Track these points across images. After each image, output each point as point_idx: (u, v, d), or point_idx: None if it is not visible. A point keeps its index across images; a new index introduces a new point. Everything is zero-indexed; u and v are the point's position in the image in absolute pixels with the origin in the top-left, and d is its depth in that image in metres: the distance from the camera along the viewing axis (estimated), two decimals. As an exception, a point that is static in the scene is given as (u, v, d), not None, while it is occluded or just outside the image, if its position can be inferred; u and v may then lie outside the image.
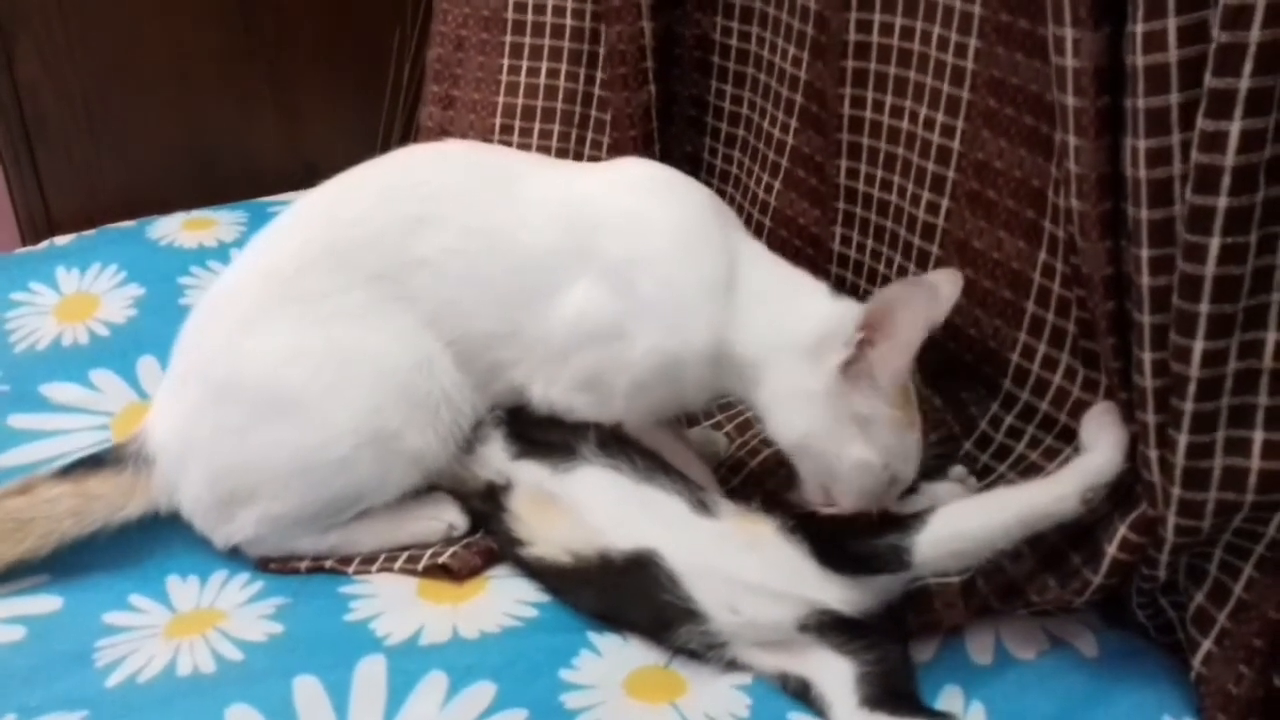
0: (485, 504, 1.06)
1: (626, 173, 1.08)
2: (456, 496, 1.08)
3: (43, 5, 1.56)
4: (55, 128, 1.62)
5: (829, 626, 0.91)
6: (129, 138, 1.67)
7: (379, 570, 1.03)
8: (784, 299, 1.00)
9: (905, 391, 0.96)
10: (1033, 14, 0.93)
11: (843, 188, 1.17)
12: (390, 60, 1.76)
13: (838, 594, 0.92)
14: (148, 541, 1.03)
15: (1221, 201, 0.72)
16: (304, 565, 1.04)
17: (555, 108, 1.38)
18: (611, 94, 1.32)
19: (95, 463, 1.03)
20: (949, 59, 1.04)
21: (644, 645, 0.96)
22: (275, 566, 1.04)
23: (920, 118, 1.08)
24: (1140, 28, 0.73)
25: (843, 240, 1.19)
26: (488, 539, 1.06)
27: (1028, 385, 1.02)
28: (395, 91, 1.77)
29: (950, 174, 1.06)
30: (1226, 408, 0.78)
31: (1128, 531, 0.86)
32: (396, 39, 1.75)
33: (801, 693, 0.91)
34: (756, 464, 1.15)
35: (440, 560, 1.03)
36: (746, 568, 0.93)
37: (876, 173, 1.14)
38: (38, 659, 0.92)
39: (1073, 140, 0.82)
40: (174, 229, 1.46)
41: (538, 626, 0.97)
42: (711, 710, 0.89)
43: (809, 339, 0.96)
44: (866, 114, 1.13)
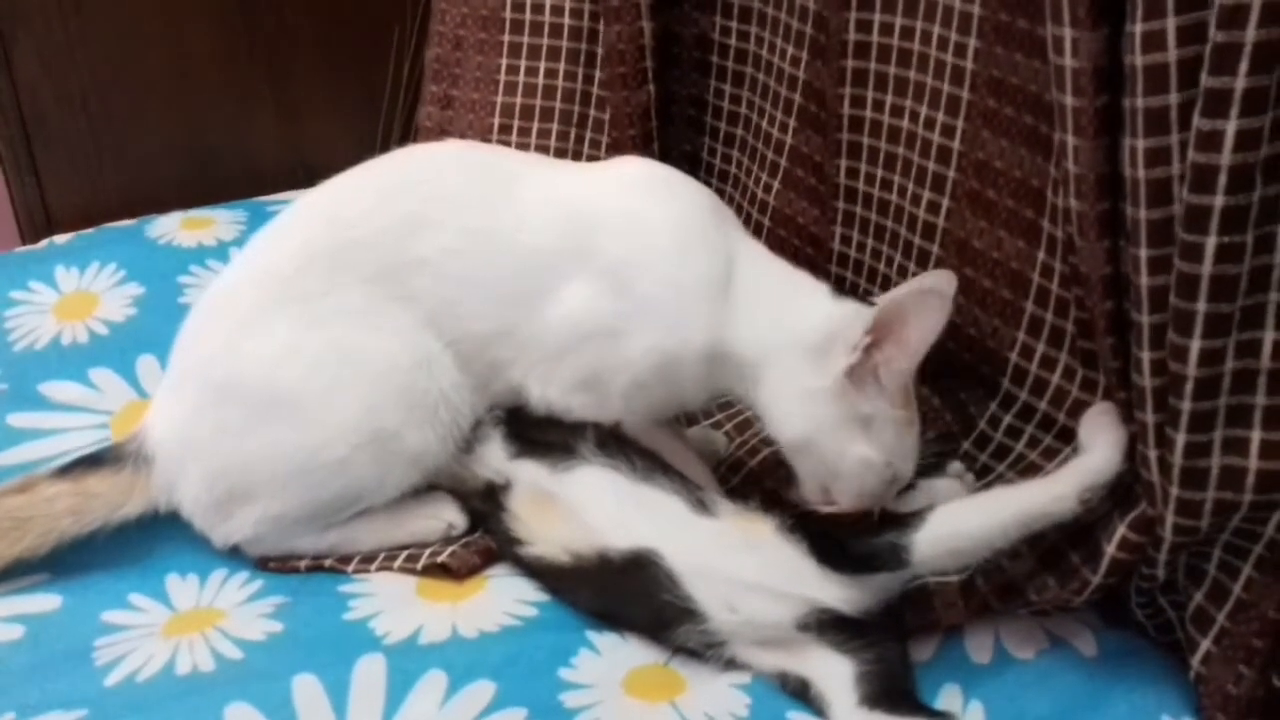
0: (484, 503, 1.06)
1: (625, 172, 1.08)
2: (456, 496, 1.08)
3: (43, 5, 1.56)
4: (55, 127, 1.62)
5: (828, 625, 0.91)
6: (128, 137, 1.67)
7: (378, 569, 1.03)
8: (784, 299, 1.00)
9: (906, 391, 0.96)
10: (1032, 14, 0.93)
11: (842, 187, 1.17)
12: (389, 60, 1.76)
13: (836, 593, 0.92)
14: (147, 540, 1.03)
15: (1218, 201, 0.72)
16: (303, 564, 1.04)
17: (554, 107, 1.38)
18: (610, 93, 1.32)
19: (94, 461, 1.03)
20: (949, 58, 1.04)
21: (643, 644, 0.96)
22: (274, 565, 1.04)
23: (920, 117, 1.08)
24: (1140, 28, 0.73)
25: (842, 240, 1.19)
26: (487, 538, 1.06)
27: (1026, 384, 1.02)
28: (394, 91, 1.77)
29: (950, 173, 1.06)
30: (1224, 407, 0.78)
31: (1127, 531, 0.86)
32: (395, 38, 1.75)
33: (800, 692, 0.91)
34: (756, 463, 1.15)
35: (439, 559, 1.03)
36: (745, 567, 0.93)
37: (876, 172, 1.14)
38: (37, 657, 0.92)
39: (1071, 140, 0.82)
40: (173, 228, 1.46)
41: (537, 626, 0.97)
42: (711, 709, 0.89)
43: (813, 338, 0.96)
44: (866, 113, 1.13)
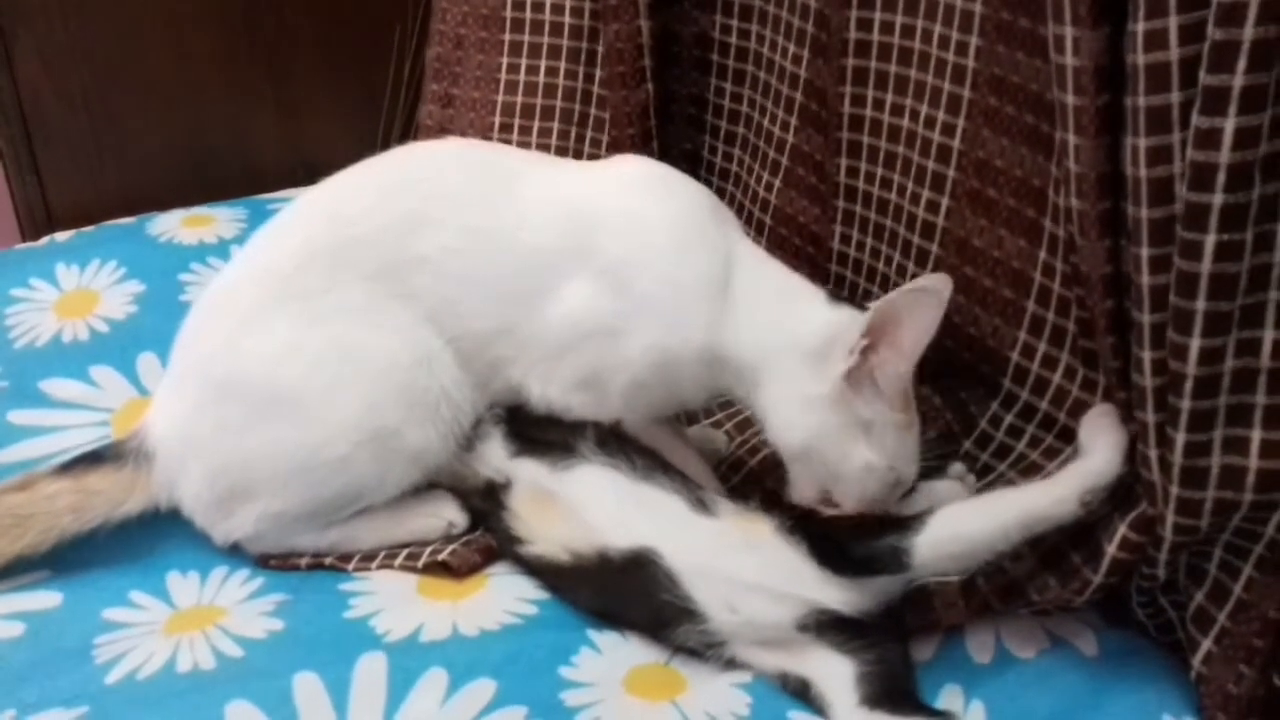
0: (485, 502, 1.06)
1: (624, 171, 1.08)
2: (456, 494, 1.08)
3: (44, 3, 1.56)
4: (55, 125, 1.62)
5: (828, 626, 0.91)
6: (129, 135, 1.67)
7: (379, 567, 1.03)
8: (782, 302, 1.00)
9: (905, 393, 0.96)
10: (1033, 12, 0.93)
11: (843, 186, 1.17)
12: (390, 58, 1.76)
13: (836, 594, 0.92)
14: (148, 538, 1.03)
15: (1217, 199, 0.72)
16: (304, 562, 1.04)
17: (554, 106, 1.38)
18: (610, 92, 1.32)
19: (95, 459, 1.03)
20: (950, 57, 1.04)
21: (644, 643, 0.96)
22: (275, 563, 1.04)
23: (921, 116, 1.08)
24: (1141, 26, 0.73)
25: (842, 239, 1.19)
26: (487, 537, 1.06)
27: (1027, 384, 1.02)
28: (395, 89, 1.77)
29: (951, 172, 1.06)
30: (1224, 406, 0.78)
31: (1127, 530, 0.86)
32: (396, 37, 1.74)
33: (801, 691, 0.91)
34: (756, 462, 1.15)
35: (440, 558, 1.03)
36: (745, 567, 0.93)
37: (877, 171, 1.14)
38: (37, 655, 0.92)
39: (1072, 139, 0.82)
40: (174, 225, 1.46)
41: (538, 624, 0.97)
42: (712, 708, 0.89)
43: (811, 343, 0.96)
44: (867, 112, 1.13)
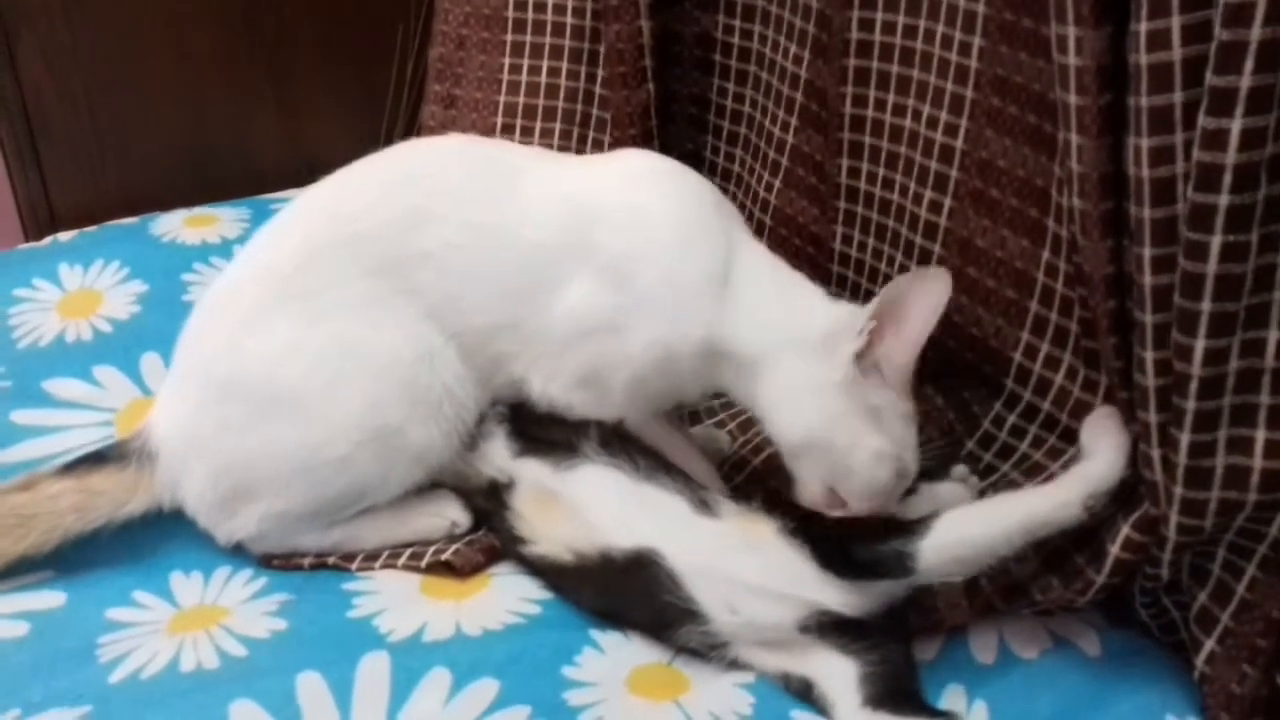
0: (488, 501, 1.06)
1: (627, 165, 1.08)
2: (459, 494, 1.08)
3: (46, 4, 1.56)
4: (58, 125, 1.62)
5: (830, 627, 0.91)
6: (131, 135, 1.67)
7: (382, 567, 1.04)
8: (784, 297, 1.00)
9: (908, 383, 0.96)
10: (1036, 12, 0.92)
11: (844, 186, 1.17)
12: (392, 59, 1.76)
13: (839, 596, 0.92)
14: (151, 538, 1.03)
15: (1223, 199, 0.72)
16: (307, 562, 1.04)
17: (556, 106, 1.38)
18: (611, 93, 1.32)
19: (98, 459, 1.03)
20: (952, 57, 1.04)
21: (646, 643, 0.96)
22: (278, 563, 1.04)
23: (923, 116, 1.08)
24: (1144, 26, 0.73)
25: (843, 239, 1.19)
26: (490, 536, 1.06)
27: (1030, 384, 1.02)
28: (397, 90, 1.77)
29: (953, 173, 1.06)
30: (1228, 406, 0.78)
31: (1131, 531, 0.86)
32: (399, 37, 1.75)
33: (804, 692, 0.91)
34: (760, 462, 1.15)
35: (443, 557, 1.03)
36: (747, 568, 0.93)
37: (878, 171, 1.14)
38: (41, 655, 0.92)
39: (1075, 139, 0.82)
40: (176, 225, 1.46)
41: (540, 624, 0.97)
42: (715, 708, 0.89)
43: (815, 335, 0.96)
44: (868, 112, 1.13)
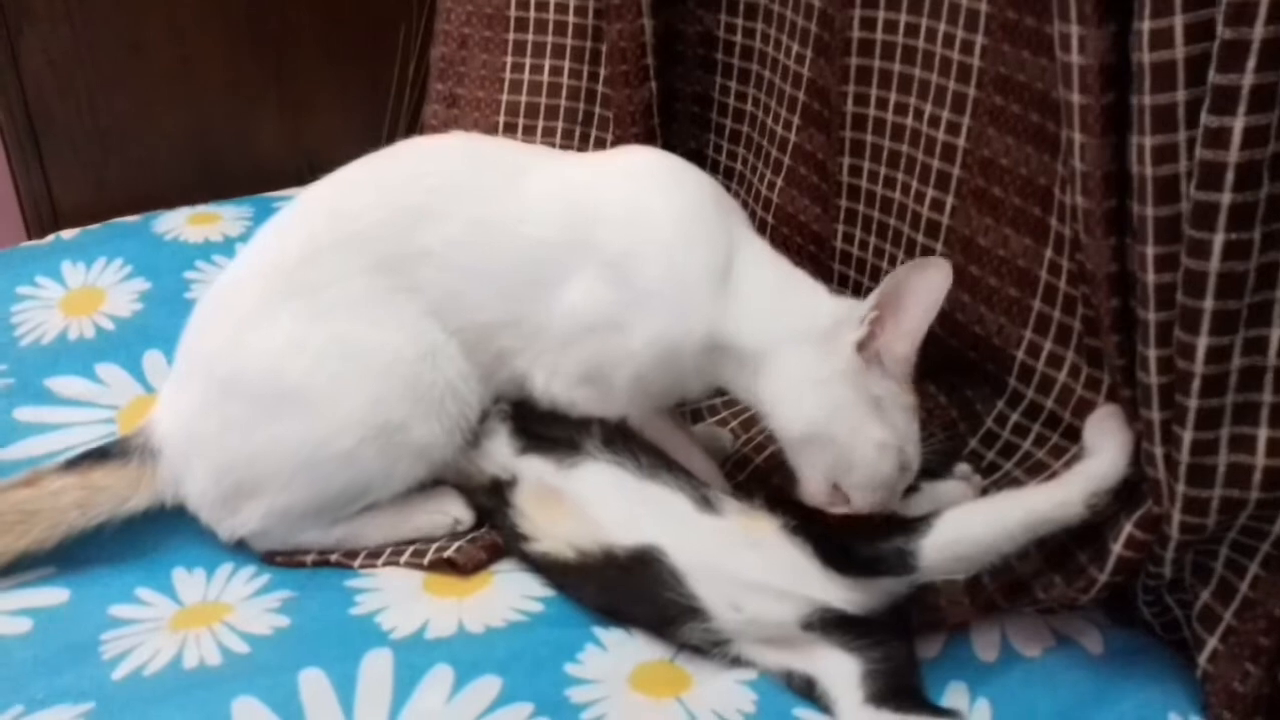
0: (490, 499, 1.06)
1: (629, 162, 1.08)
2: (462, 491, 1.08)
3: (49, 2, 1.56)
4: (61, 122, 1.62)
5: (832, 625, 0.91)
6: (134, 133, 1.67)
7: (384, 564, 1.04)
8: (785, 291, 1.01)
9: (909, 375, 0.96)
10: (1039, 11, 0.93)
11: (845, 185, 1.17)
12: (395, 58, 1.76)
13: (841, 593, 0.92)
14: (154, 534, 1.03)
15: (1225, 198, 0.72)
16: (310, 559, 1.04)
17: (558, 105, 1.38)
18: (613, 91, 1.32)
19: (101, 455, 1.03)
20: (955, 56, 1.04)
21: (649, 640, 0.96)
22: (281, 560, 1.04)
23: (925, 115, 1.08)
24: (1147, 25, 0.73)
25: (845, 238, 1.19)
26: (493, 534, 1.06)
27: (1033, 382, 1.02)
28: (400, 89, 1.77)
29: (956, 171, 1.06)
30: (1231, 404, 0.79)
31: (1133, 529, 0.86)
32: (401, 36, 1.75)
33: (806, 689, 0.91)
34: (762, 460, 1.15)
35: (446, 555, 1.03)
36: (749, 566, 0.93)
37: (880, 170, 1.14)
38: (44, 651, 0.92)
39: (1078, 137, 0.82)
40: (179, 223, 1.46)
41: (543, 621, 0.97)
42: (717, 706, 0.89)
43: (817, 328, 0.96)
44: (870, 111, 1.13)
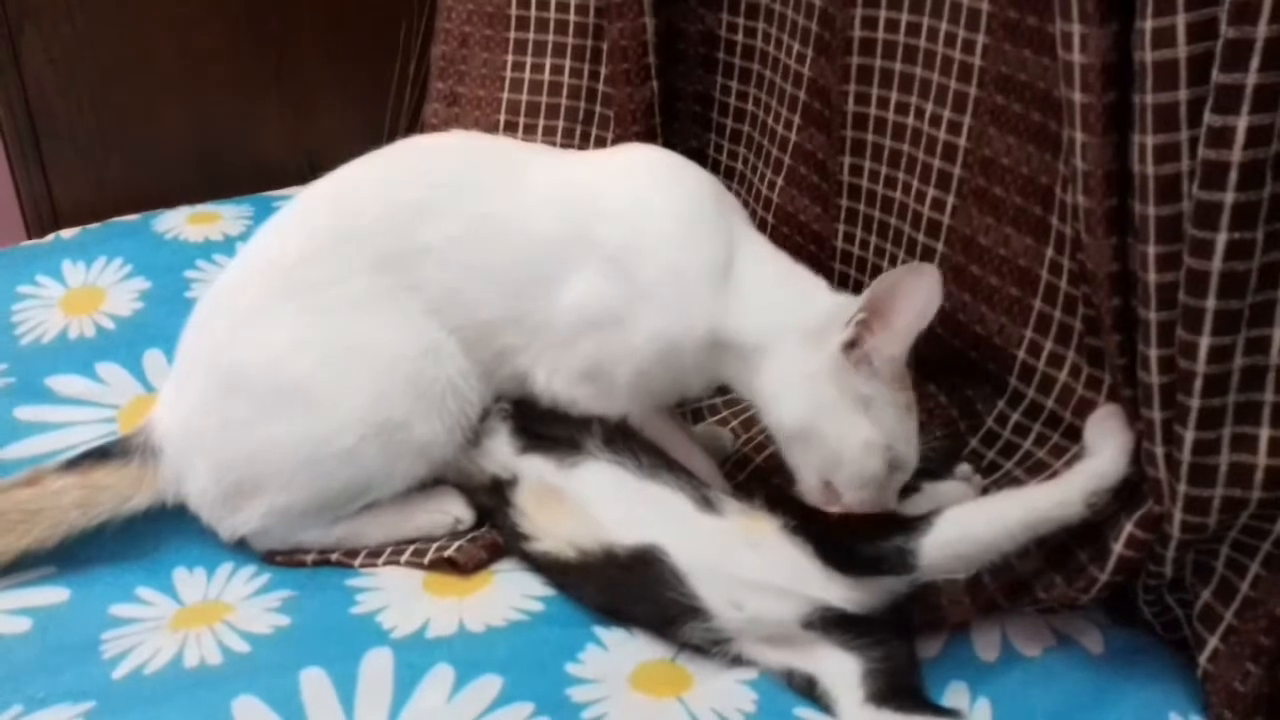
0: (491, 498, 1.06)
1: (630, 158, 1.08)
2: (463, 490, 1.08)
3: (50, 1, 1.56)
4: (61, 121, 1.62)
5: (833, 624, 0.92)
6: (135, 131, 1.67)
7: (385, 563, 1.04)
8: (785, 287, 1.01)
9: (904, 375, 0.96)
10: (1040, 10, 0.93)
11: (846, 184, 1.17)
12: (396, 56, 1.76)
13: (841, 592, 0.92)
14: (154, 534, 1.03)
15: (1228, 197, 0.72)
16: (310, 558, 1.04)
17: (559, 104, 1.38)
18: (614, 90, 1.32)
19: (102, 455, 1.03)
20: (956, 55, 1.04)
21: (650, 639, 0.96)
22: (282, 559, 1.04)
23: (926, 114, 1.08)
24: (1149, 24, 0.73)
25: (846, 237, 1.19)
26: (493, 533, 1.06)
27: (1034, 382, 1.02)
28: (401, 87, 1.77)
29: (957, 170, 1.06)
30: (1233, 404, 0.78)
31: (1134, 528, 0.86)
32: (402, 34, 1.75)
33: (807, 688, 0.91)
34: (762, 459, 1.15)
35: (446, 554, 1.03)
36: (750, 565, 0.93)
37: (881, 169, 1.14)
38: (44, 650, 0.92)
39: (1079, 136, 0.81)
40: (179, 223, 1.46)
41: (544, 620, 0.97)
42: (718, 705, 0.89)
43: (812, 325, 0.96)
44: (871, 110, 1.13)
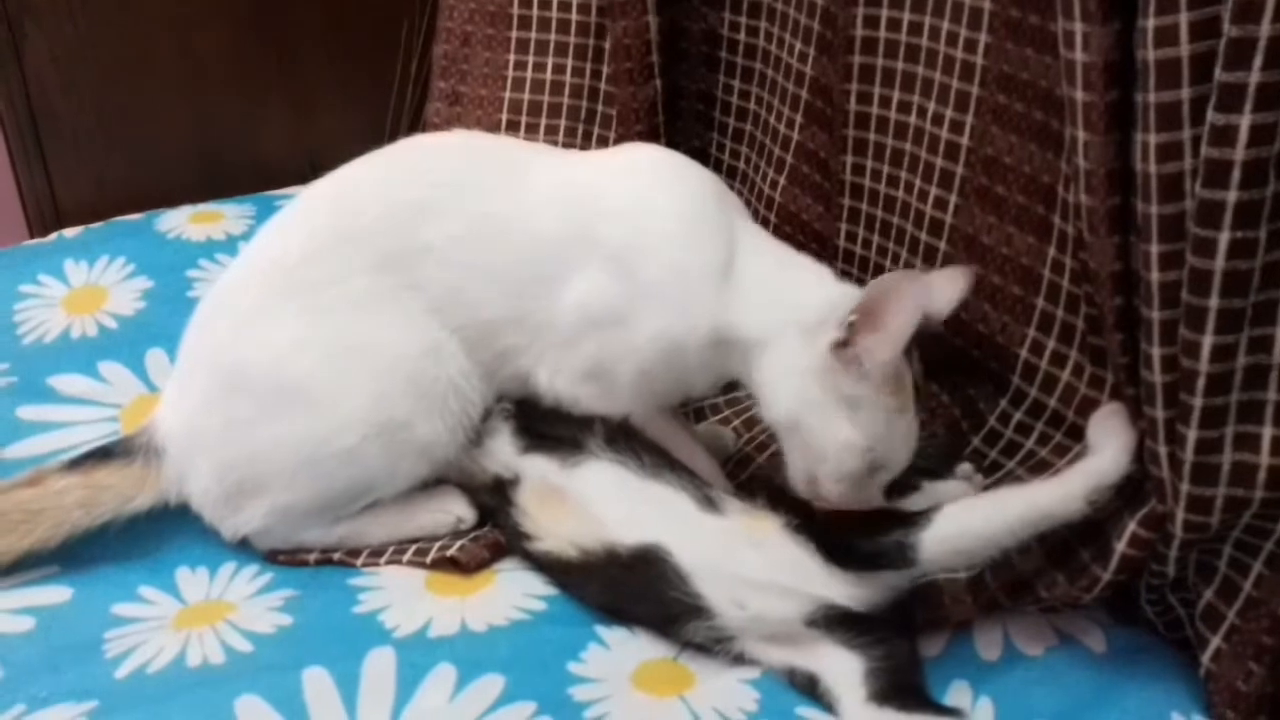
0: (493, 498, 1.06)
1: (632, 157, 1.08)
2: (465, 490, 1.08)
3: (53, 0, 1.56)
4: (64, 120, 1.62)
5: (836, 622, 0.92)
6: (137, 131, 1.67)
7: (387, 563, 1.04)
8: (785, 281, 1.01)
9: (899, 378, 0.95)
10: (1042, 9, 0.92)
11: (848, 184, 1.17)
12: (398, 55, 1.76)
13: (844, 590, 0.92)
14: (157, 533, 1.03)
15: (1231, 196, 0.72)
16: (312, 558, 1.04)
17: (561, 103, 1.38)
18: (617, 89, 1.32)
19: (104, 454, 1.03)
20: (958, 54, 1.04)
21: (652, 638, 0.96)
22: (284, 559, 1.04)
23: (928, 113, 1.08)
24: (1152, 22, 0.73)
25: (848, 236, 1.19)
26: (495, 532, 1.06)
27: (1036, 381, 1.01)
28: (403, 86, 1.77)
29: (959, 170, 1.06)
30: (1235, 403, 0.78)
31: (1137, 528, 0.86)
32: (404, 34, 1.75)
33: (809, 687, 0.91)
34: (764, 459, 1.15)
35: (448, 553, 1.03)
36: (752, 564, 0.93)
37: (883, 169, 1.14)
38: (47, 650, 0.92)
39: (1082, 135, 0.81)
40: (182, 222, 1.46)
41: (546, 620, 0.97)
42: (720, 704, 0.89)
43: (809, 318, 0.96)
44: (873, 110, 1.13)
